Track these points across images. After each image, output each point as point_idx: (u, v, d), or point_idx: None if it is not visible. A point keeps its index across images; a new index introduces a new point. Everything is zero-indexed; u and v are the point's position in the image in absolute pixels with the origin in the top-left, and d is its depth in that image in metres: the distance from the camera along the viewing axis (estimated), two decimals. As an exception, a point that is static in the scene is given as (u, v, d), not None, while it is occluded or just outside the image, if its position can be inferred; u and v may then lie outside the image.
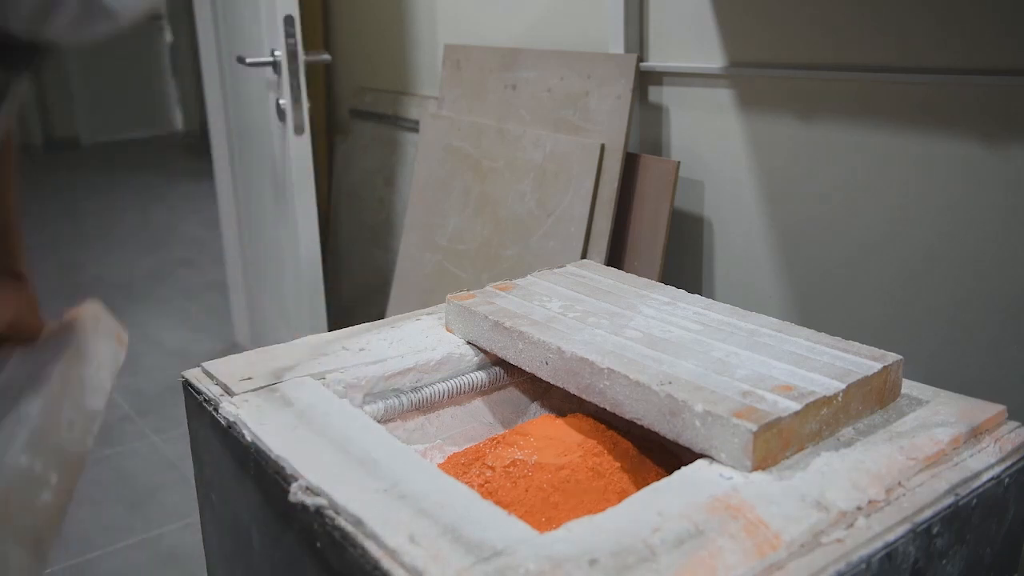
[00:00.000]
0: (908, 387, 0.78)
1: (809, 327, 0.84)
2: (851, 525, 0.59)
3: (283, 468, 0.67)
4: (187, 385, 0.84)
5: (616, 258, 1.60)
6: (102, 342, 0.60)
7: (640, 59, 1.58)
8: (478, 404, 0.93)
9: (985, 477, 0.67)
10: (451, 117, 1.96)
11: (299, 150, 1.99)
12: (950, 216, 1.23)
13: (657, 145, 1.65)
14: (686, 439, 0.68)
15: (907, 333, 1.30)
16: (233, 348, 2.71)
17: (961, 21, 1.17)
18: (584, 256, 1.58)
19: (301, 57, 1.95)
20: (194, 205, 4.50)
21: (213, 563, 0.93)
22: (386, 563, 0.55)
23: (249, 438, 0.73)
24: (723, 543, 0.56)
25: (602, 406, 0.76)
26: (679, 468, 0.66)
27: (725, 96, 1.51)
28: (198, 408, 0.82)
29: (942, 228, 1.24)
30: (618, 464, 0.76)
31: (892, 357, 0.76)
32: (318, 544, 0.62)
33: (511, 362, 0.86)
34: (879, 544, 0.58)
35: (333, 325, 2.02)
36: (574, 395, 0.80)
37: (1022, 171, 1.14)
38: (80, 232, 4.15)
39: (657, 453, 0.81)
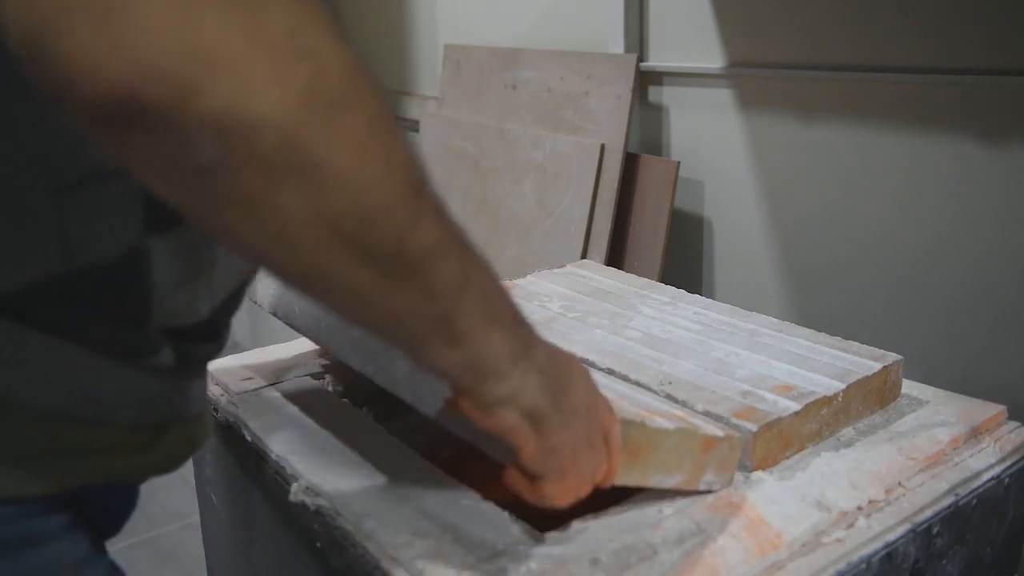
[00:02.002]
0: (908, 387, 0.78)
1: (809, 327, 0.84)
2: (851, 525, 0.59)
3: (283, 468, 0.67)
4: (187, 385, 0.84)
5: (616, 258, 1.60)
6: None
7: (640, 59, 1.58)
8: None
9: (985, 477, 0.67)
10: (451, 117, 1.96)
11: (299, 150, 1.99)
12: (950, 216, 1.23)
13: (657, 145, 1.65)
14: (686, 439, 0.68)
15: (907, 333, 1.30)
16: (233, 348, 2.70)
17: (962, 22, 1.17)
18: (584, 256, 1.58)
19: (301, 57, 1.95)
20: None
21: (213, 563, 0.94)
22: (386, 563, 0.55)
23: (249, 438, 0.73)
24: (724, 542, 0.56)
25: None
26: (679, 468, 0.66)
27: (725, 96, 1.51)
28: (198, 408, 0.82)
29: (942, 228, 1.24)
30: (618, 464, 0.76)
31: (892, 357, 0.76)
32: (318, 544, 0.62)
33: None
34: (879, 544, 0.58)
35: (333, 325, 2.02)
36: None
37: (1022, 171, 1.14)
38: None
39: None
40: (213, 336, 0.55)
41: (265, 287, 0.80)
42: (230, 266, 0.52)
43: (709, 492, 0.61)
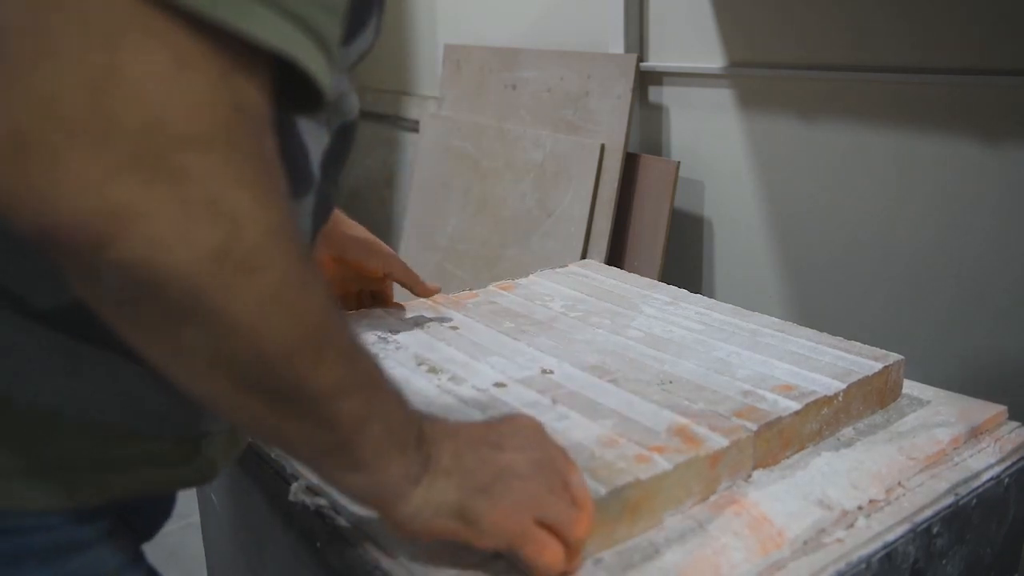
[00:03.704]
0: (908, 387, 0.78)
1: (810, 327, 0.84)
2: (851, 525, 0.59)
3: (283, 468, 0.67)
4: (187, 385, 0.84)
5: (616, 258, 1.60)
6: None
7: (640, 59, 1.59)
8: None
9: (985, 477, 0.67)
10: (451, 117, 1.96)
11: (299, 150, 1.99)
12: (951, 216, 1.23)
13: (657, 145, 1.65)
14: (687, 439, 0.68)
15: (907, 333, 1.30)
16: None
17: (962, 22, 1.17)
18: (584, 256, 1.58)
19: (301, 57, 1.95)
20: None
21: (213, 563, 0.94)
22: (386, 563, 0.55)
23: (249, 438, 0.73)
24: (727, 540, 0.56)
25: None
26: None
27: (725, 96, 1.51)
28: (198, 408, 0.82)
29: (943, 228, 1.25)
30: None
31: (893, 357, 0.76)
32: (318, 544, 0.62)
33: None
34: (879, 544, 0.58)
35: (333, 325, 2.02)
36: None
37: (1022, 170, 1.15)
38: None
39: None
40: None
41: None
42: None
43: None
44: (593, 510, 0.52)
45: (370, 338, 0.81)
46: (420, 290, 0.87)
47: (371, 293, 0.89)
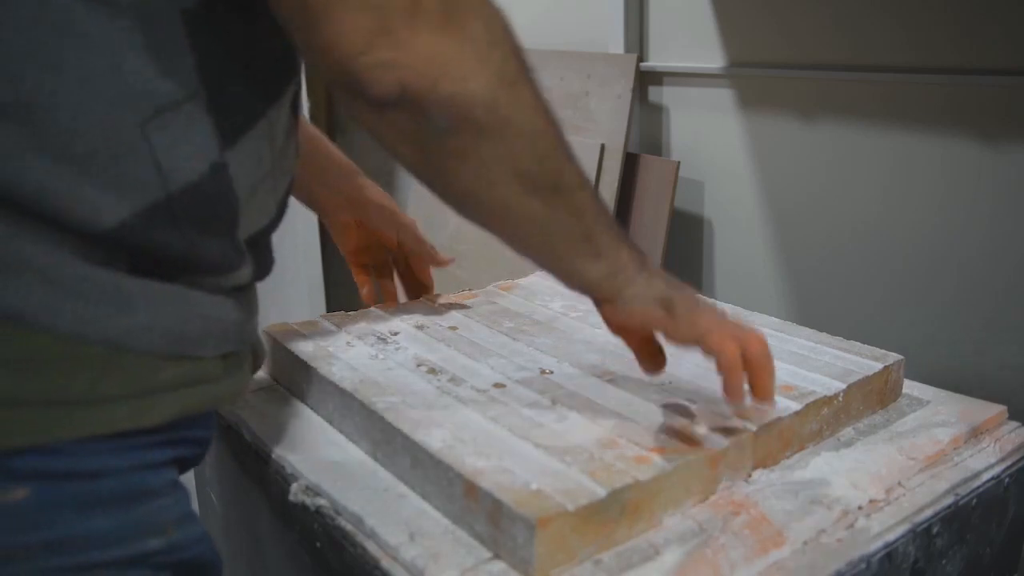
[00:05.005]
0: (909, 387, 0.79)
1: (810, 327, 0.85)
2: (851, 525, 0.59)
3: (283, 468, 0.67)
4: (187, 385, 0.84)
5: (616, 258, 1.60)
6: None
7: (640, 59, 1.59)
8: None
9: (985, 477, 0.67)
10: (451, 117, 1.95)
11: (299, 150, 1.99)
12: (951, 215, 1.23)
13: (657, 145, 1.65)
14: (687, 439, 0.68)
15: (907, 333, 1.30)
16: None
17: (960, 22, 1.17)
18: (584, 256, 1.58)
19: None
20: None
21: (213, 563, 0.93)
22: (386, 563, 0.55)
23: (249, 438, 0.73)
24: (726, 540, 0.56)
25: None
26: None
27: (725, 96, 1.51)
28: (198, 408, 0.82)
29: (943, 227, 1.25)
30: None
31: (893, 357, 0.76)
32: (318, 544, 0.62)
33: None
34: (879, 544, 0.58)
35: (333, 325, 2.01)
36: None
37: (1021, 169, 1.14)
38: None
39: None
40: (269, 248, 0.63)
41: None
42: (283, 165, 0.59)
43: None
44: (766, 346, 0.60)
45: (369, 338, 0.81)
46: (431, 260, 0.89)
47: (404, 264, 0.91)
